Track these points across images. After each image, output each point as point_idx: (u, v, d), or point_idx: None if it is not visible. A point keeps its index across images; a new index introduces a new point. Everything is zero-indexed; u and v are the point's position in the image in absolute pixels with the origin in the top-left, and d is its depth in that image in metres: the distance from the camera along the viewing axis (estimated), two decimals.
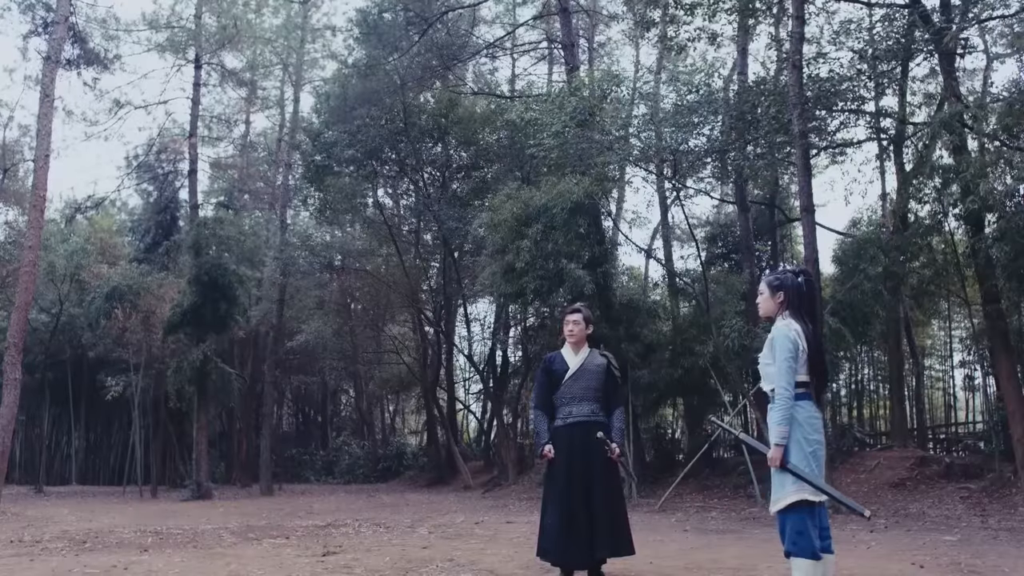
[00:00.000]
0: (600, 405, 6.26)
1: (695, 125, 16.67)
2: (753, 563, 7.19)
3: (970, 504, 12.82)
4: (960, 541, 9.14)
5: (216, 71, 25.06)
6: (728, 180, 19.66)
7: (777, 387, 4.78)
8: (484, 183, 24.63)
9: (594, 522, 5.95)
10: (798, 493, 4.74)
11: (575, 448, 6.16)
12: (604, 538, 5.97)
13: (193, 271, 21.80)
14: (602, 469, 6.10)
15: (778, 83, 17.02)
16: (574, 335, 6.37)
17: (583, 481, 6.05)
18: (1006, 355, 13.82)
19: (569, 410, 6.28)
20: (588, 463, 6.09)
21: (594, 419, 6.19)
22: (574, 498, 6.04)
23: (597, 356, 6.32)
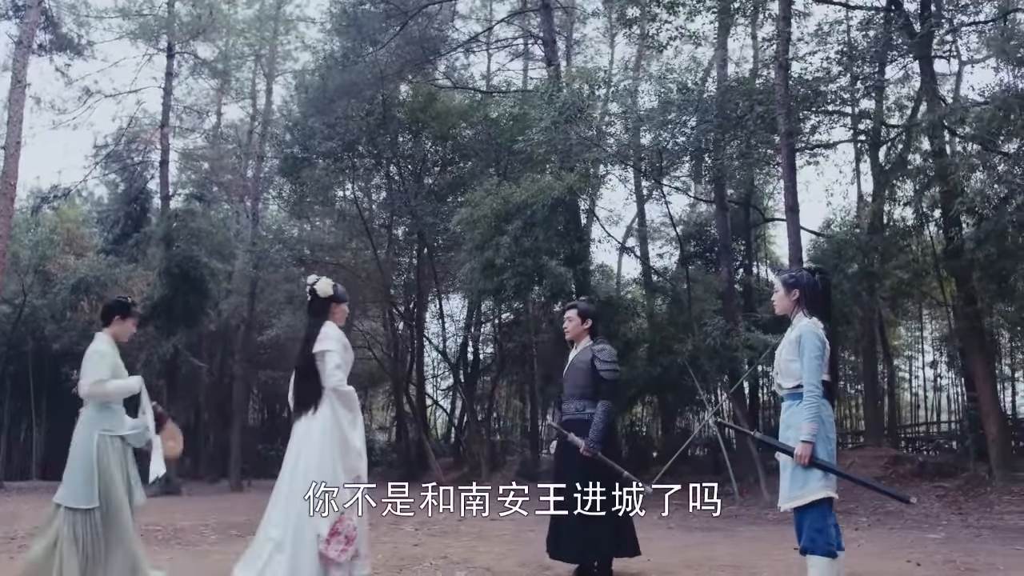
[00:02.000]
0: (590, 401, 6.21)
1: (676, 124, 16.71)
2: (750, 560, 7.20)
3: (947, 502, 12.98)
4: (946, 539, 9.24)
5: (188, 60, 24.65)
6: (706, 179, 19.71)
7: (806, 385, 4.78)
8: (460, 178, 24.53)
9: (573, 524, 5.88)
10: (825, 490, 4.73)
11: (567, 447, 6.17)
12: (597, 538, 5.96)
13: (163, 263, 21.46)
14: (593, 469, 5.99)
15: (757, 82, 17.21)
16: (569, 331, 6.36)
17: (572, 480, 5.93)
18: (981, 356, 14.04)
19: (564, 408, 6.33)
20: (577, 462, 6.04)
21: (577, 417, 6.18)
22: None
23: (587, 351, 6.27)
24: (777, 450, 4.96)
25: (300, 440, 5.26)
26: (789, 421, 4.93)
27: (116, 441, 5.15)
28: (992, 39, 15.22)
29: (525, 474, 22.20)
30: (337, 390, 5.22)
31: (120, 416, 5.27)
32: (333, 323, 5.46)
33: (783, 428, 4.99)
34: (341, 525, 5.06)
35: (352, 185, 26.20)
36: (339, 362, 5.27)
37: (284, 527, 5.07)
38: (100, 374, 5.15)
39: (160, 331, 21.71)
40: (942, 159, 13.75)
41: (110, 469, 5.04)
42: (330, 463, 5.14)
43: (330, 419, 5.21)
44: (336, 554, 4.99)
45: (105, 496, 4.99)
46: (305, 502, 5.02)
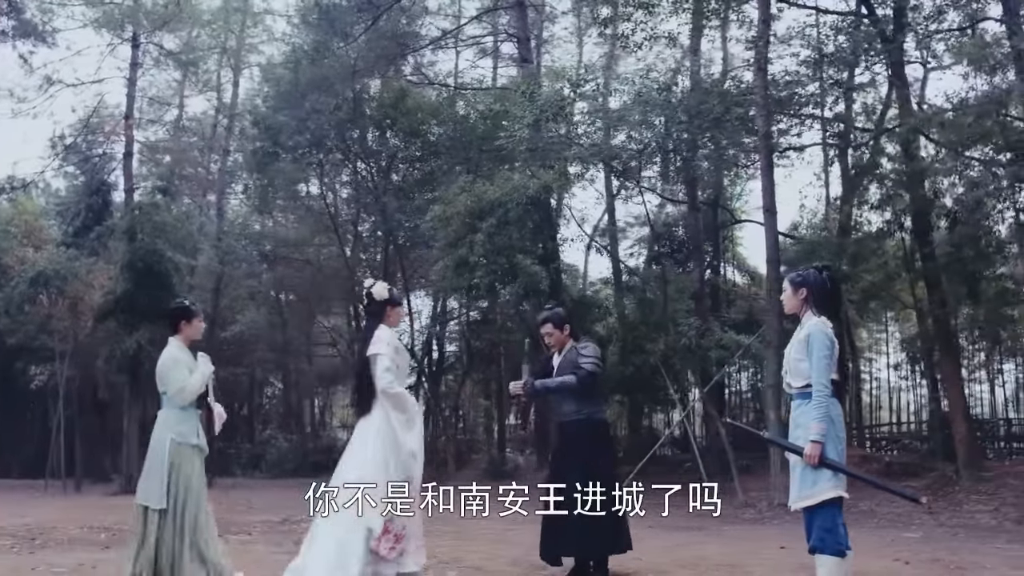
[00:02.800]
0: (584, 401, 6.22)
1: (650, 124, 16.75)
2: (741, 560, 7.22)
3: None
4: (924, 538, 9.39)
5: (154, 51, 24.20)
6: (676, 180, 19.79)
7: (815, 384, 4.78)
8: (429, 175, 24.43)
9: (573, 522, 5.88)
10: (835, 489, 4.75)
11: (561, 448, 6.31)
12: (596, 537, 5.97)
13: (127, 257, 21.01)
14: (587, 471, 6.02)
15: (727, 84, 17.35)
16: (553, 343, 6.35)
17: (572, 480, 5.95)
18: (950, 357, 14.27)
19: (558, 410, 6.37)
20: (572, 464, 6.08)
21: (575, 418, 6.20)
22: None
23: (572, 352, 6.27)
24: (786, 450, 4.96)
25: (356, 440, 5.41)
26: (799, 420, 4.93)
27: (188, 448, 5.22)
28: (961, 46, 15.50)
29: (492, 473, 22.19)
30: (386, 392, 5.30)
31: (193, 423, 5.32)
32: (387, 326, 5.53)
33: (792, 427, 5.00)
34: (391, 524, 5.18)
35: (319, 181, 25.94)
36: (389, 365, 5.35)
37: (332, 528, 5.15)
38: (181, 380, 5.24)
39: (123, 326, 21.25)
40: (915, 164, 13.96)
41: (183, 472, 5.14)
42: (382, 463, 5.25)
43: (383, 421, 5.32)
44: (386, 551, 5.12)
45: (176, 498, 5.08)
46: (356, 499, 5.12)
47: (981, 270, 13.38)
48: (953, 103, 14.30)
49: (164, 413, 5.29)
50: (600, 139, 17.93)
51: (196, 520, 5.16)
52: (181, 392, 5.22)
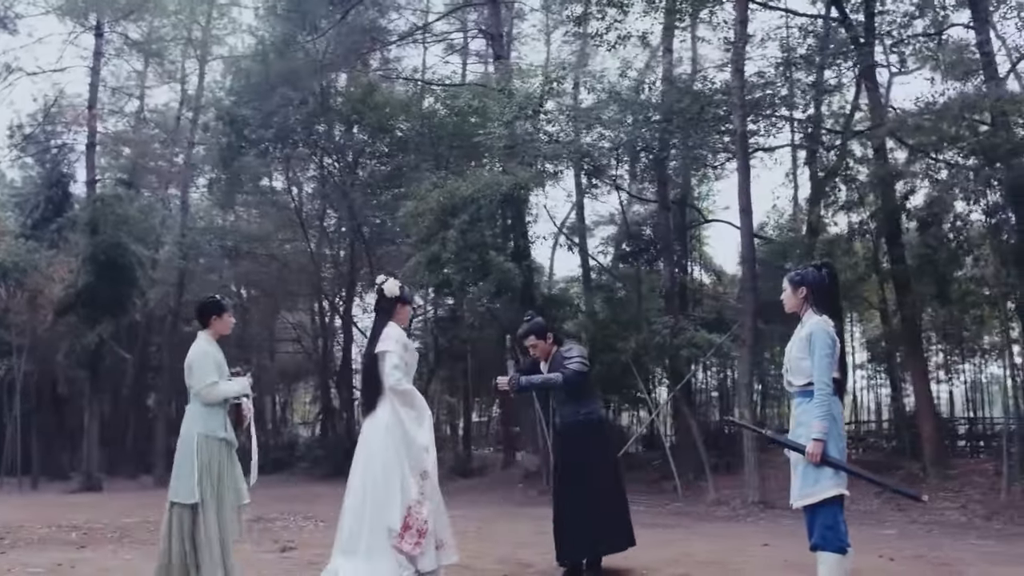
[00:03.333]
0: (581, 402, 6.23)
1: (623, 123, 16.80)
2: (727, 557, 7.25)
3: (884, 499, 13.32)
4: (900, 535, 9.52)
5: (118, 40, 23.74)
6: (649, 178, 19.86)
7: (817, 383, 4.80)
8: (397, 171, 24.32)
9: (583, 522, 5.95)
10: (837, 488, 4.77)
11: (564, 450, 6.28)
12: (591, 536, 6.00)
13: (89, 250, 20.63)
14: (590, 470, 6.09)
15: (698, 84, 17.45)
16: (539, 354, 6.35)
17: (572, 482, 6.07)
18: (917, 357, 14.50)
19: (559, 412, 6.36)
20: (576, 464, 6.12)
21: (574, 420, 6.21)
22: (568, 498, 6.08)
23: (558, 358, 6.24)
24: (788, 448, 4.97)
25: (365, 439, 5.42)
26: (800, 419, 4.95)
27: (215, 441, 5.18)
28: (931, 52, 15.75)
29: (459, 470, 22.15)
30: (395, 389, 5.33)
31: (220, 418, 5.27)
32: (396, 323, 5.53)
33: (794, 425, 5.01)
34: (411, 519, 5.19)
35: (285, 175, 25.68)
36: (397, 362, 5.36)
37: (359, 531, 5.20)
38: (209, 375, 5.20)
39: (83, 320, 20.86)
40: (885, 167, 14.16)
41: (211, 467, 5.11)
42: (395, 460, 5.26)
43: (392, 417, 5.33)
44: (410, 548, 5.12)
45: (206, 493, 5.05)
46: (377, 498, 5.21)
47: (951, 272, 13.61)
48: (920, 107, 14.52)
49: (191, 408, 5.27)
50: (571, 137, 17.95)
51: (225, 516, 5.15)
52: (208, 390, 5.19)
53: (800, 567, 6.64)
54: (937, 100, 13.72)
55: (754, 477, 12.72)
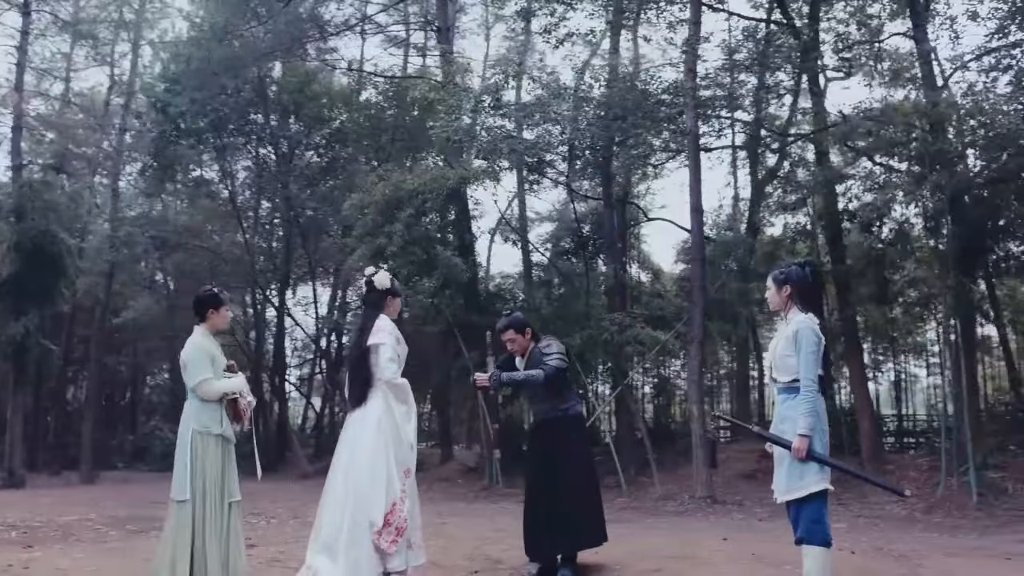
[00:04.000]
0: (559, 398, 6.21)
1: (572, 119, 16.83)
2: (693, 551, 7.28)
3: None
4: (850, 528, 9.75)
5: (46, 19, 22.81)
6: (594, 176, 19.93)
7: (804, 380, 4.88)
8: (334, 162, 24.04)
9: (561, 517, 5.94)
10: (822, 483, 4.87)
11: (542, 446, 6.24)
12: (567, 532, 5.99)
13: (14, 238, 19.75)
14: (569, 466, 6.09)
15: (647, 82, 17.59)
16: (517, 350, 6.28)
17: (549, 478, 6.05)
18: (856, 355, 14.89)
19: (534, 410, 6.36)
20: (554, 460, 6.09)
21: (552, 416, 6.19)
22: (543, 493, 6.06)
23: (536, 354, 6.21)
24: (775, 443, 5.03)
25: (353, 433, 5.34)
26: (785, 414, 5.02)
27: (210, 437, 5.11)
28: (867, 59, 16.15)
29: None
30: (391, 383, 5.28)
31: (215, 414, 5.19)
32: (387, 316, 5.48)
33: (778, 421, 5.09)
34: (392, 516, 5.17)
35: (219, 165, 25.07)
36: (392, 355, 5.32)
37: (340, 525, 5.14)
38: (204, 371, 5.14)
39: (8, 310, 20.02)
40: (828, 170, 14.50)
41: (205, 464, 5.05)
42: (383, 455, 5.21)
43: (383, 411, 5.29)
44: (387, 545, 5.09)
45: (199, 491, 5.01)
46: (361, 492, 5.15)
47: (891, 273, 14.00)
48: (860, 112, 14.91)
49: (188, 405, 5.21)
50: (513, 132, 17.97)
51: (221, 512, 5.08)
52: (204, 387, 5.12)
53: (767, 560, 6.76)
54: (875, 106, 14.10)
55: (702, 473, 12.89)
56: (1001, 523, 10.12)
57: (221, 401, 5.19)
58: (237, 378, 5.35)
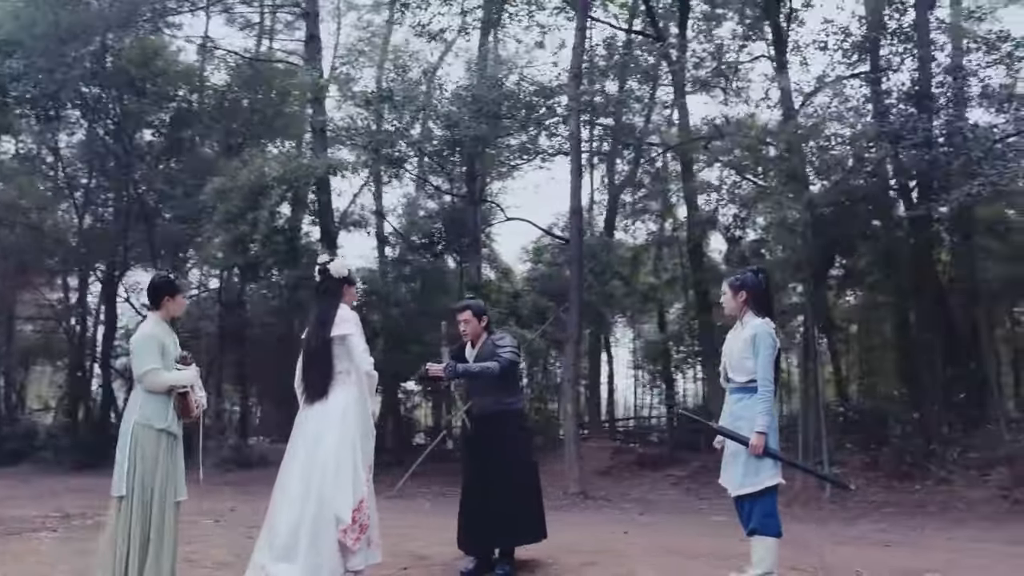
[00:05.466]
0: (504, 391, 6.25)
1: (444, 116, 16.83)
2: (609, 545, 7.48)
3: (682, 490, 14.34)
4: (729, 522, 10.26)
5: None
6: (455, 173, 19.95)
7: (762, 381, 5.19)
8: (179, 143, 22.89)
9: (501, 512, 5.96)
10: (775, 478, 5.20)
11: (482, 440, 6.20)
12: (506, 527, 6.03)
13: None
14: (508, 459, 6.12)
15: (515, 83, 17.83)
16: (468, 333, 6.29)
17: (489, 472, 6.07)
18: (717, 357, 15.66)
19: (476, 403, 6.29)
20: (495, 454, 6.10)
21: (498, 408, 6.19)
22: (480, 489, 6.08)
23: (488, 345, 6.27)
24: (733, 439, 5.30)
25: (315, 427, 5.17)
26: (740, 413, 5.31)
27: (152, 431, 4.82)
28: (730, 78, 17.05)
29: (238, 461, 21.19)
30: (369, 374, 5.20)
31: (160, 407, 4.89)
32: (346, 305, 5.33)
33: (732, 419, 5.38)
34: (359, 514, 5.03)
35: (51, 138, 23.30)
36: (365, 345, 5.22)
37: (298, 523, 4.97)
38: (151, 361, 4.85)
39: None
40: (692, 183, 15.24)
41: (146, 457, 4.79)
42: (349, 450, 5.09)
43: (350, 404, 5.17)
44: (351, 542, 4.96)
45: (136, 486, 4.74)
46: (326, 487, 4.99)
47: None
48: (721, 127, 15.72)
49: (133, 395, 5.00)
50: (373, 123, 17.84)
51: (163, 512, 4.80)
52: (149, 377, 4.84)
53: (684, 553, 7.04)
54: (732, 122, 14.94)
55: (574, 469, 13.21)
56: (856, 515, 10.98)
57: (170, 394, 4.90)
58: (188, 371, 5.02)
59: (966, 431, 13.15)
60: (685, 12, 16.44)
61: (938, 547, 7.81)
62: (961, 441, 12.70)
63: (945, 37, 14.69)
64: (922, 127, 12.34)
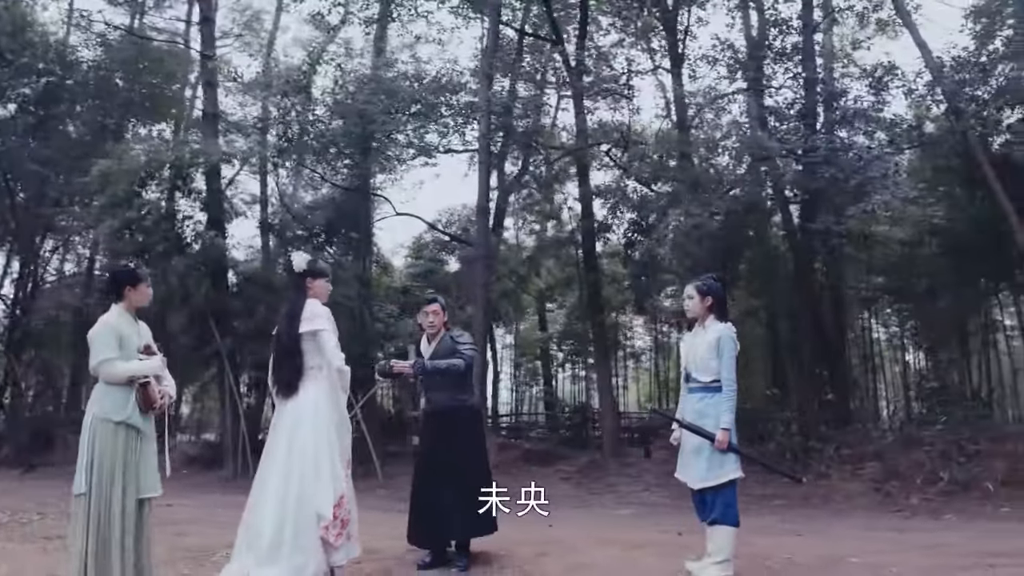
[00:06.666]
0: (459, 388, 6.42)
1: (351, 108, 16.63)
2: (558, 536, 7.69)
3: (574, 483, 14.72)
4: (635, 515, 10.74)
5: None
6: (348, 167, 19.70)
7: (727, 381, 5.61)
8: (48, 121, 21.58)
9: (457, 505, 6.12)
10: (737, 471, 5.62)
11: (437, 436, 6.33)
12: (462, 520, 6.19)
13: None
14: (463, 453, 6.30)
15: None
16: (435, 325, 6.42)
17: (444, 467, 6.20)
18: (606, 360, 16.21)
19: (429, 398, 6.42)
20: (449, 449, 6.25)
21: (451, 404, 6.34)
22: (436, 484, 6.20)
23: (447, 341, 6.42)
24: (701, 435, 5.65)
25: (290, 422, 5.17)
26: (705, 411, 5.70)
27: (110, 425, 4.65)
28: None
29: None
30: (341, 370, 5.20)
31: (119, 399, 4.72)
32: (316, 300, 5.32)
33: (697, 416, 5.74)
34: (339, 509, 5.08)
35: None
36: (336, 341, 5.22)
37: (281, 522, 4.97)
38: (105, 351, 4.69)
39: None
40: (587, 187, 15.71)
41: (105, 452, 4.62)
42: (326, 445, 5.12)
43: (322, 400, 5.18)
44: (334, 538, 5.02)
45: (96, 483, 4.59)
46: (305, 485, 5.01)
47: (648, 282, 15.36)
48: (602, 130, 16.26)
49: (94, 389, 4.80)
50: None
51: (124, 509, 4.63)
52: (104, 368, 4.70)
53: (626, 544, 7.31)
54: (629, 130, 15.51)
55: None
56: (751, 509, 11.48)
57: (131, 386, 4.76)
58: (150, 361, 4.87)
59: (838, 429, 14.10)
60: (585, 21, 16.85)
61: (843, 536, 8.44)
62: (836, 438, 13.59)
63: (825, 60, 15.71)
64: (804, 146, 13.12)
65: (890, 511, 11.05)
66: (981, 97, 14.65)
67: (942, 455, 12.24)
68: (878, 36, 18.15)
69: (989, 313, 18.18)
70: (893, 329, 19.61)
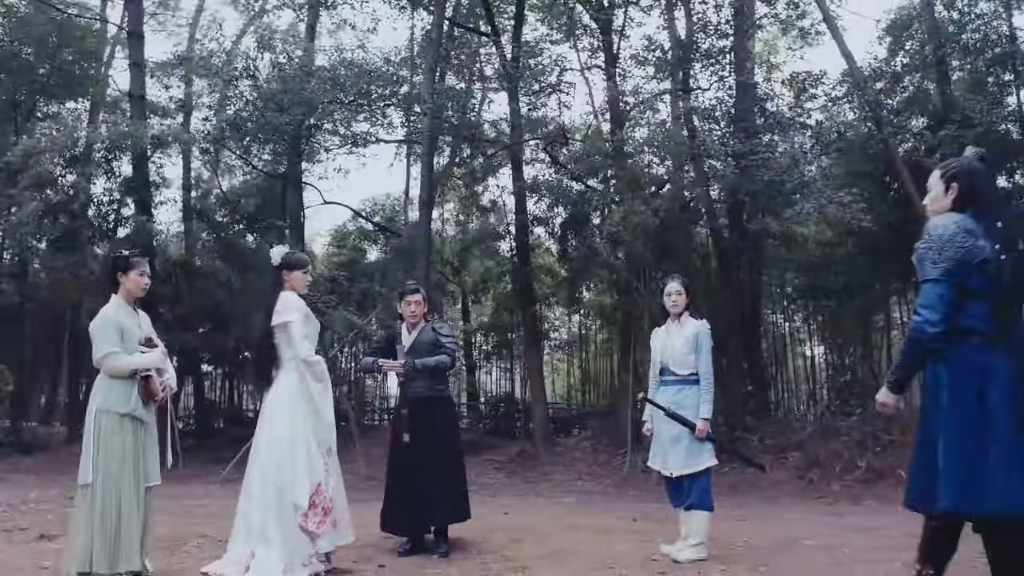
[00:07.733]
0: (437, 379, 6.60)
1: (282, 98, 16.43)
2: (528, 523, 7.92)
3: (507, 473, 14.93)
4: (579, 503, 11.04)
5: None
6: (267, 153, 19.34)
7: (706, 374, 6.04)
8: None
9: (432, 493, 6.28)
10: (713, 459, 6.00)
11: (417, 423, 6.43)
12: (441, 507, 6.37)
13: None
14: (441, 442, 6.49)
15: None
16: (416, 315, 6.58)
17: (424, 456, 6.34)
18: (536, 351, 16.52)
19: (407, 387, 6.50)
20: (429, 437, 6.40)
21: (428, 394, 6.50)
22: (416, 472, 6.34)
23: (428, 331, 6.61)
24: (683, 424, 6.00)
25: (268, 414, 5.32)
26: (682, 402, 6.08)
27: (115, 417, 4.78)
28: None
29: (17, 447, 19.53)
30: (307, 361, 5.25)
31: (123, 391, 4.84)
32: (292, 292, 5.40)
33: (675, 407, 6.07)
34: (317, 497, 5.20)
35: None
36: (305, 332, 5.29)
37: (264, 510, 5.10)
38: (108, 345, 4.80)
39: None
40: (521, 181, 15.97)
41: (109, 443, 4.73)
42: (301, 435, 5.21)
43: (297, 390, 5.26)
44: (314, 527, 5.12)
45: (104, 474, 4.69)
46: (283, 475, 5.13)
47: (583, 279, 15.71)
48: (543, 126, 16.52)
49: (96, 381, 4.93)
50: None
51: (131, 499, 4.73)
52: (108, 362, 4.81)
53: (591, 528, 7.61)
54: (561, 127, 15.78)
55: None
56: None
57: (134, 378, 4.84)
58: (151, 353, 4.95)
59: (761, 420, 14.75)
60: (520, 16, 17.06)
61: (789, 519, 8.92)
62: (760, 429, 14.21)
63: (750, 65, 16.31)
64: (736, 149, 13.62)
65: (814, 497, 11.64)
66: (893, 105, 15.61)
67: (858, 444, 12.92)
68: (798, 44, 18.92)
69: (890, 311, 19.11)
70: (810, 325, 20.47)
